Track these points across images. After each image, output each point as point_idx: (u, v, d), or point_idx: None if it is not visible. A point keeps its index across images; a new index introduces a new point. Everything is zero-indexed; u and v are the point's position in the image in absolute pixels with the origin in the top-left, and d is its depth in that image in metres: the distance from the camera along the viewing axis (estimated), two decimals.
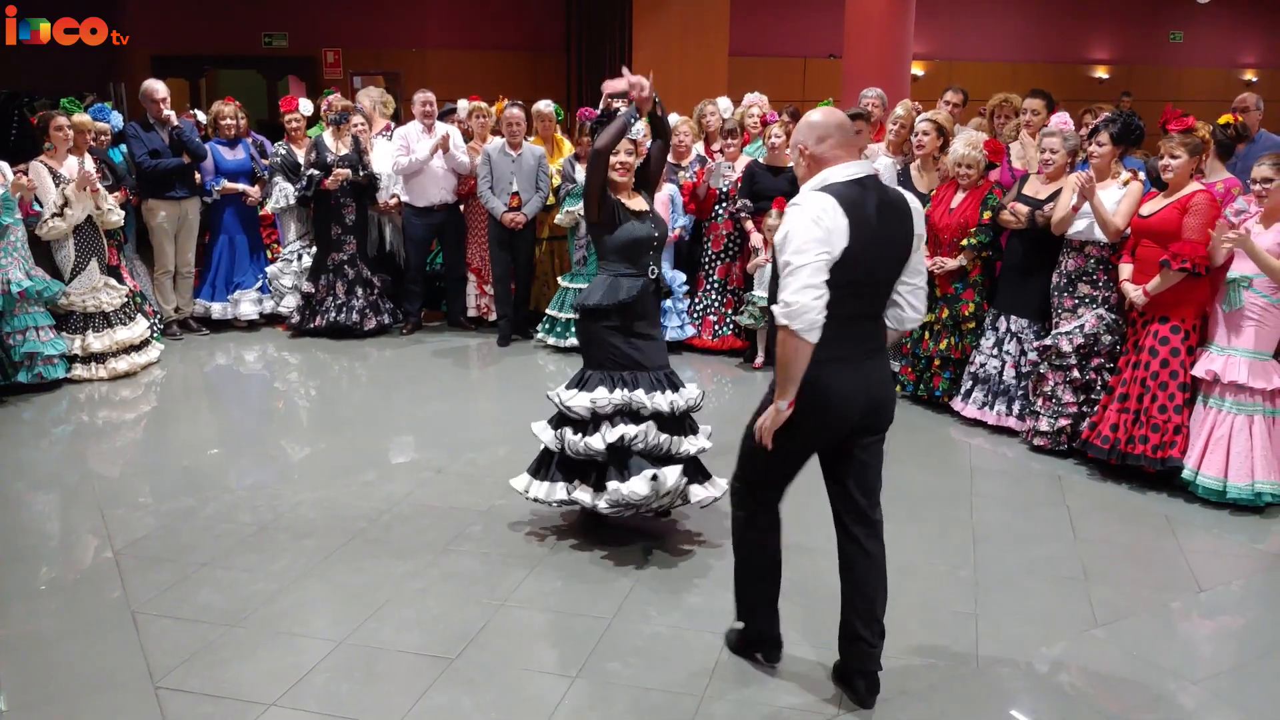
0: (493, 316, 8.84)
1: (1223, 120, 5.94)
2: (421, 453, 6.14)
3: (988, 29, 19.04)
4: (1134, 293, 5.63)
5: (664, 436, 4.70)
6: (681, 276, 8.10)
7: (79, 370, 7.32)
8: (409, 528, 5.04)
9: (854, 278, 3.29)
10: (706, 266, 8.18)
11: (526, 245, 8.48)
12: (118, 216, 7.49)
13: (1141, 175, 5.99)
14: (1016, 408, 6.37)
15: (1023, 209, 6.24)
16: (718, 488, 4.81)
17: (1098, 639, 4.14)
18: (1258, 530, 5.20)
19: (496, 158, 8.20)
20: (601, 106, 9.30)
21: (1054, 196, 6.11)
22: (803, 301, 3.16)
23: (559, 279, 8.42)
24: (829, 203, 3.24)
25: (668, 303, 7.95)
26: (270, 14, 14.90)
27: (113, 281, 7.55)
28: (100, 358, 7.39)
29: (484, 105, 8.84)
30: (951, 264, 6.58)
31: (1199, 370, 5.44)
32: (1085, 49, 20.48)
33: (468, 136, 8.81)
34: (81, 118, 7.52)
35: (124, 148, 8.23)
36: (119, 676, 3.78)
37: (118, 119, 8.39)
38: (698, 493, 4.81)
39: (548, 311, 8.38)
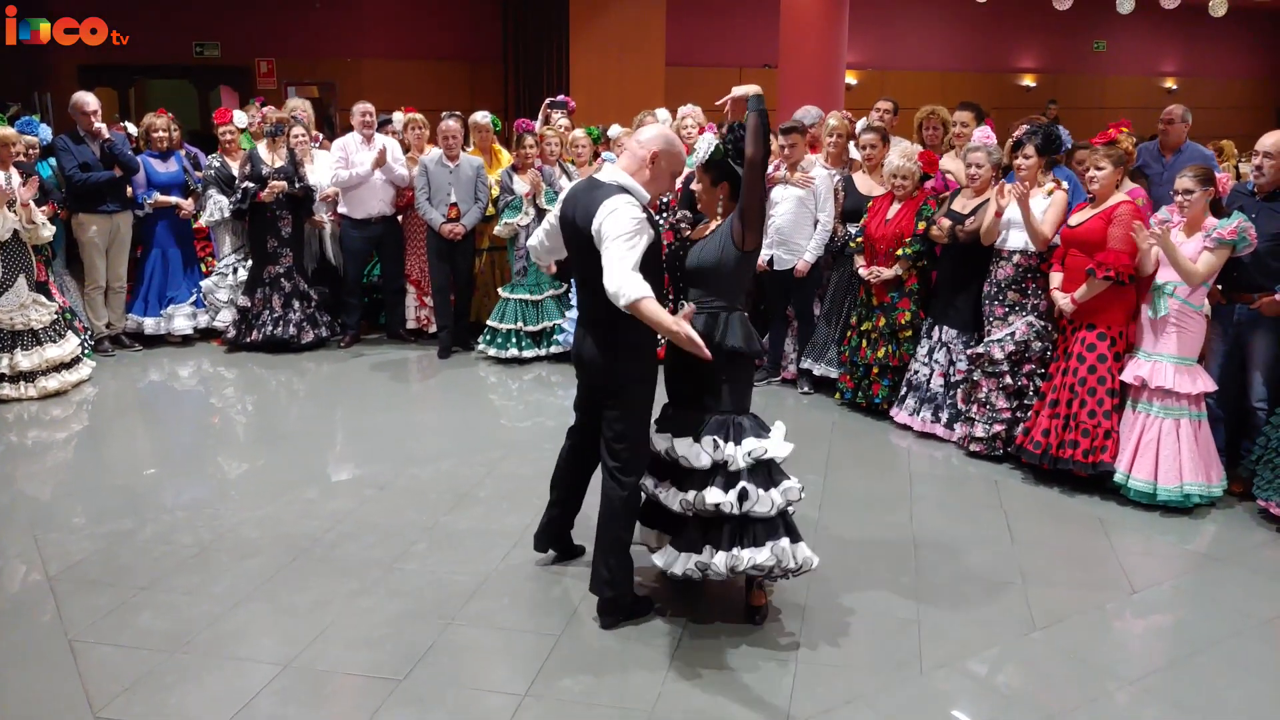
0: (432, 328, 8.81)
1: (1155, 135, 6.06)
2: (364, 468, 6.10)
3: (919, 39, 19.38)
4: (1062, 300, 5.77)
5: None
6: None
7: (7, 389, 7.16)
8: (353, 545, 5.00)
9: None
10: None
11: (466, 256, 8.46)
12: (48, 232, 7.34)
13: (1066, 185, 6.13)
14: (944, 415, 6.50)
15: (946, 223, 6.38)
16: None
17: (1036, 641, 4.24)
18: (1187, 531, 5.35)
19: (434, 169, 8.17)
20: (541, 116, 9.35)
21: (977, 210, 6.25)
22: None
23: (499, 290, 8.41)
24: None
25: None
26: (202, 22, 14.69)
27: (41, 298, 7.39)
28: (29, 376, 7.23)
29: (419, 117, 8.81)
30: (887, 273, 6.69)
31: (1127, 376, 5.58)
32: (1013, 58, 20.91)
33: (404, 148, 8.77)
34: (6, 131, 7.36)
35: (53, 161, 8.07)
36: (56, 707, 3.71)
37: (46, 132, 8.22)
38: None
39: (488, 323, 8.36)
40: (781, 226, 7.24)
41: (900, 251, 6.62)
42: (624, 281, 3.69)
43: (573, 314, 8.15)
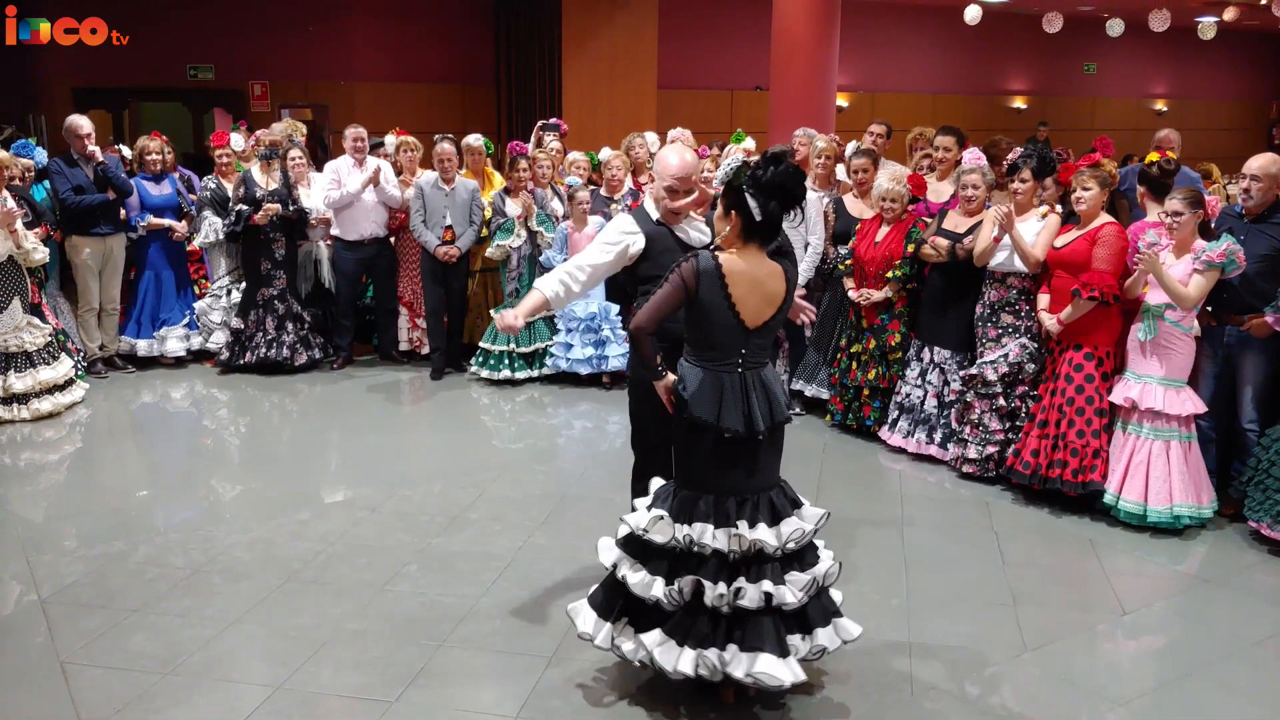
0: (425, 349, 8.82)
1: (1150, 159, 6.09)
2: (356, 490, 6.10)
3: (910, 61, 19.50)
4: (1049, 321, 5.81)
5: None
6: (615, 308, 8.15)
7: (0, 412, 7.15)
8: (345, 567, 5.00)
9: None
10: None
11: (459, 278, 8.48)
12: (42, 254, 7.35)
13: (1059, 208, 6.18)
14: (939, 436, 6.52)
15: (943, 243, 6.41)
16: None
17: (1027, 663, 4.25)
18: (1177, 552, 5.37)
19: (429, 192, 8.20)
20: (533, 139, 9.40)
21: (973, 230, 6.28)
22: None
23: (492, 311, 8.42)
24: None
25: (607, 331, 8.00)
26: (196, 46, 14.74)
27: (35, 320, 7.39)
28: (23, 398, 7.22)
29: (411, 140, 8.85)
30: (877, 296, 6.72)
31: (1117, 397, 5.61)
32: (1003, 80, 21.04)
33: (396, 171, 8.80)
34: (1, 154, 7.38)
35: (47, 184, 8.09)
36: None
37: (42, 155, 8.23)
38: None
39: (481, 344, 8.38)
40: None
41: (890, 274, 6.66)
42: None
43: (563, 336, 8.17)
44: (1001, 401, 6.10)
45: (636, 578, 3.75)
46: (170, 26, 14.32)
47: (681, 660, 3.66)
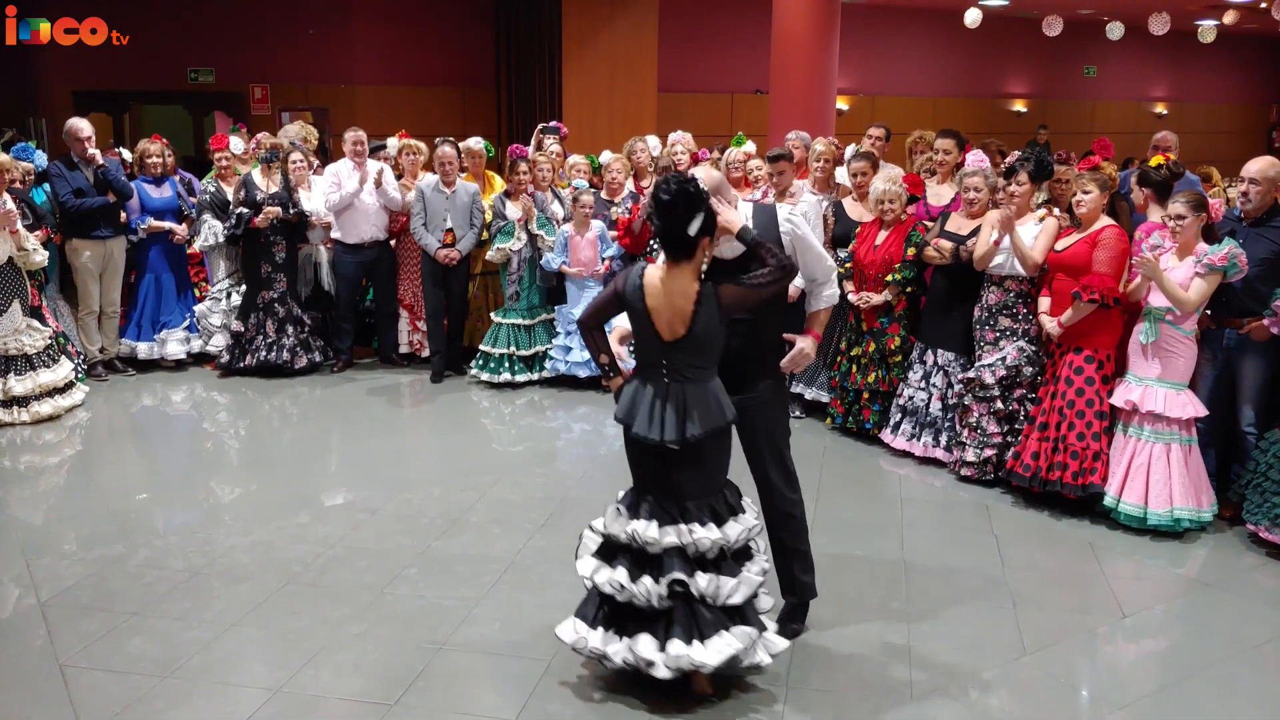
0: (425, 352, 8.82)
1: (1154, 162, 6.08)
2: (356, 493, 6.10)
3: (910, 64, 19.52)
4: (1049, 324, 5.81)
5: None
6: None
7: (0, 414, 7.15)
8: (345, 570, 5.00)
9: None
10: None
11: (460, 281, 8.48)
12: (42, 257, 7.36)
13: (1058, 211, 6.18)
14: (944, 439, 6.51)
15: (947, 245, 6.41)
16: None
17: (1027, 666, 4.24)
18: (1177, 555, 5.37)
19: (430, 195, 8.21)
20: (534, 142, 9.40)
21: (975, 232, 6.28)
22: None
23: (492, 314, 8.43)
24: None
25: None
26: (196, 49, 14.75)
27: (35, 323, 7.40)
28: (23, 401, 7.22)
29: (414, 143, 8.86)
30: (876, 299, 6.72)
31: (1118, 400, 5.61)
32: (1004, 84, 21.06)
33: (398, 174, 8.81)
34: (1, 158, 7.38)
35: (47, 187, 8.09)
36: None
37: (42, 159, 8.23)
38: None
39: (481, 347, 8.38)
40: None
41: (890, 277, 6.65)
42: None
43: (562, 340, 8.17)
44: (999, 405, 6.10)
45: (603, 576, 3.88)
46: (171, 30, 14.34)
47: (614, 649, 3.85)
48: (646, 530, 3.82)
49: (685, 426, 3.78)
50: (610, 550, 3.95)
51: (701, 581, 3.77)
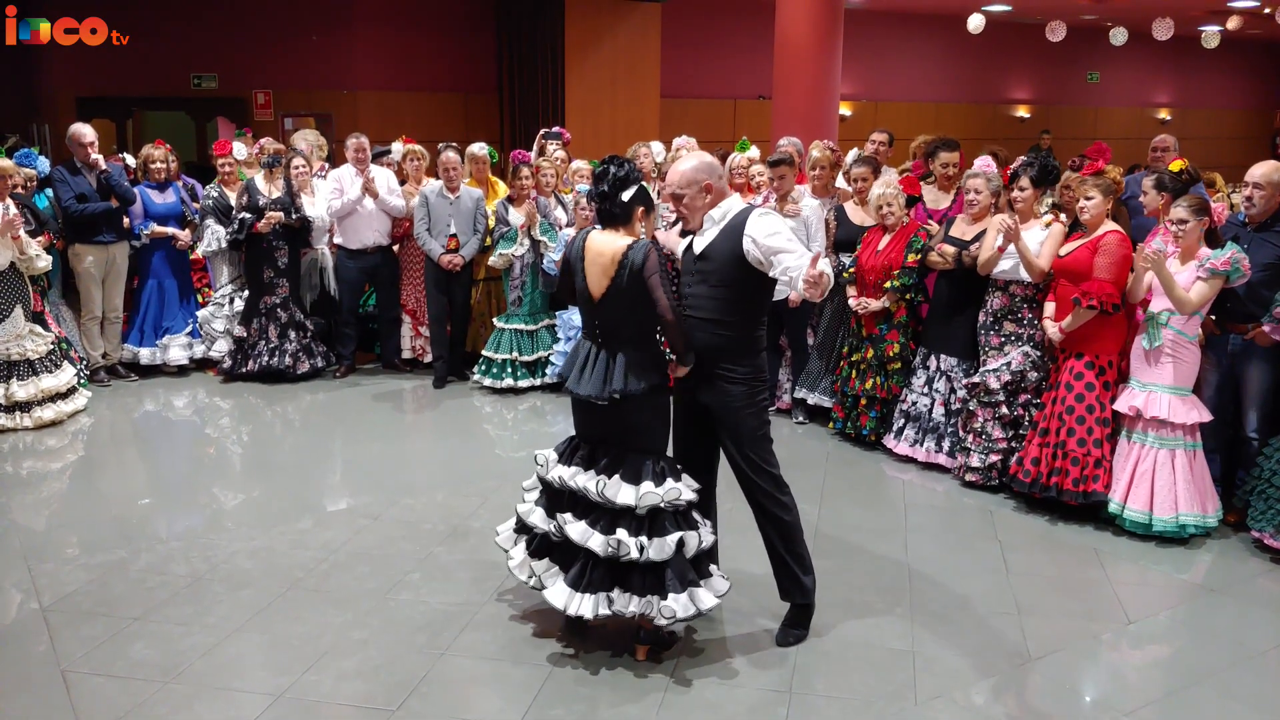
0: (428, 358, 8.82)
1: (1175, 167, 6.08)
2: (358, 499, 6.10)
3: (913, 70, 19.52)
4: (1051, 329, 5.80)
5: None
6: None
7: (3, 420, 7.15)
8: (347, 576, 4.99)
9: None
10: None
11: (463, 287, 8.48)
12: (45, 262, 7.36)
13: (1063, 216, 6.17)
14: (946, 445, 6.50)
15: (950, 249, 6.40)
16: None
17: (1031, 672, 4.23)
18: (1182, 561, 5.35)
19: (434, 200, 8.21)
20: (536, 147, 9.40)
21: (979, 237, 6.27)
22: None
23: (495, 320, 8.43)
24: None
25: None
26: (200, 55, 14.76)
27: (38, 328, 7.40)
28: (25, 406, 7.23)
29: (418, 148, 8.86)
30: (875, 305, 6.71)
31: (1121, 405, 5.60)
32: (1006, 89, 21.07)
33: (402, 179, 8.81)
34: (4, 163, 7.38)
35: (50, 192, 8.10)
36: None
37: (45, 164, 8.25)
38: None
39: (484, 353, 8.38)
40: None
41: (888, 284, 6.64)
42: None
43: (564, 345, 8.16)
44: (1004, 410, 6.08)
45: (524, 507, 4.44)
46: (174, 35, 14.34)
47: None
48: (568, 473, 4.23)
49: (603, 387, 4.13)
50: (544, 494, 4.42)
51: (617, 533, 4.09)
